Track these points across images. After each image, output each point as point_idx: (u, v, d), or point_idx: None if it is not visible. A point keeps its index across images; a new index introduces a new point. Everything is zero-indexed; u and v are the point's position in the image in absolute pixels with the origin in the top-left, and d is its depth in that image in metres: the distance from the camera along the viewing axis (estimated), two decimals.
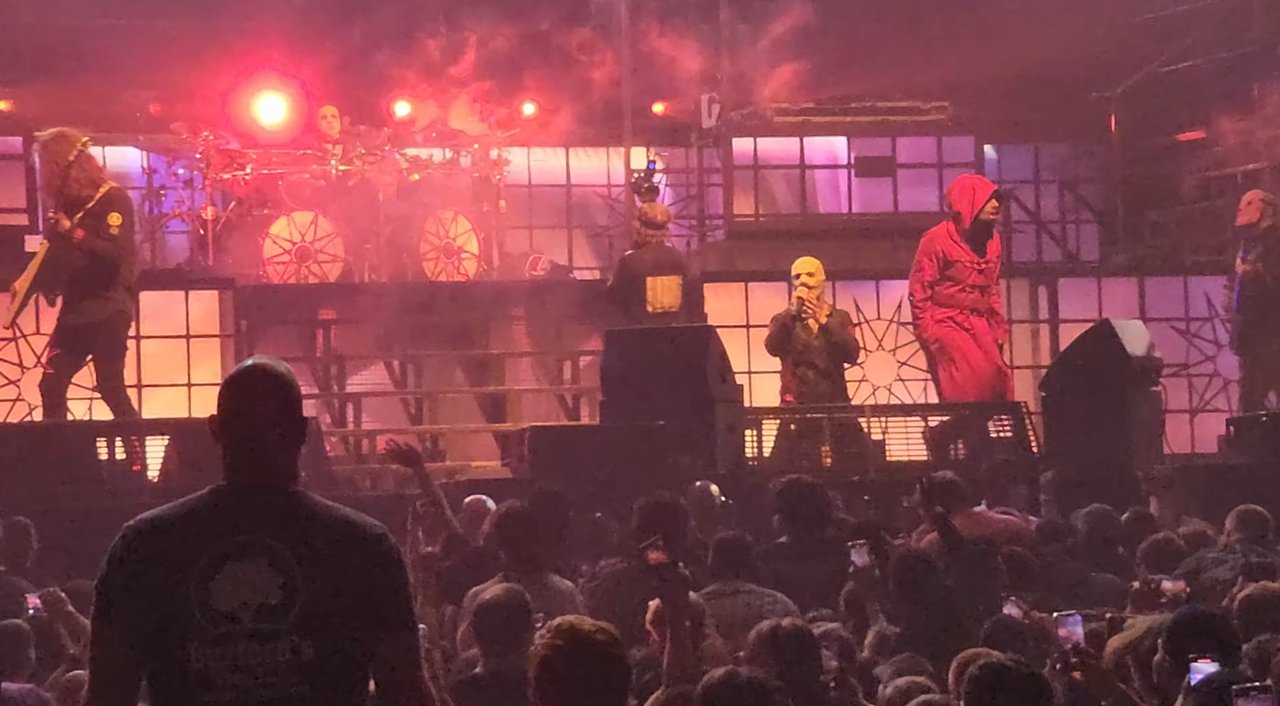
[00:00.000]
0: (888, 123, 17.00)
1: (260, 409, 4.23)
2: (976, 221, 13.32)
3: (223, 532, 4.14)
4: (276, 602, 4.09)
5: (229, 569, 4.11)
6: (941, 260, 13.36)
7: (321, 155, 16.51)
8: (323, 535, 4.17)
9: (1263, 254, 14.11)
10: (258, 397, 4.24)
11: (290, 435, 4.27)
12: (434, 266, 16.40)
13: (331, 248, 16.23)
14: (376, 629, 4.17)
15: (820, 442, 12.66)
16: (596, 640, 4.70)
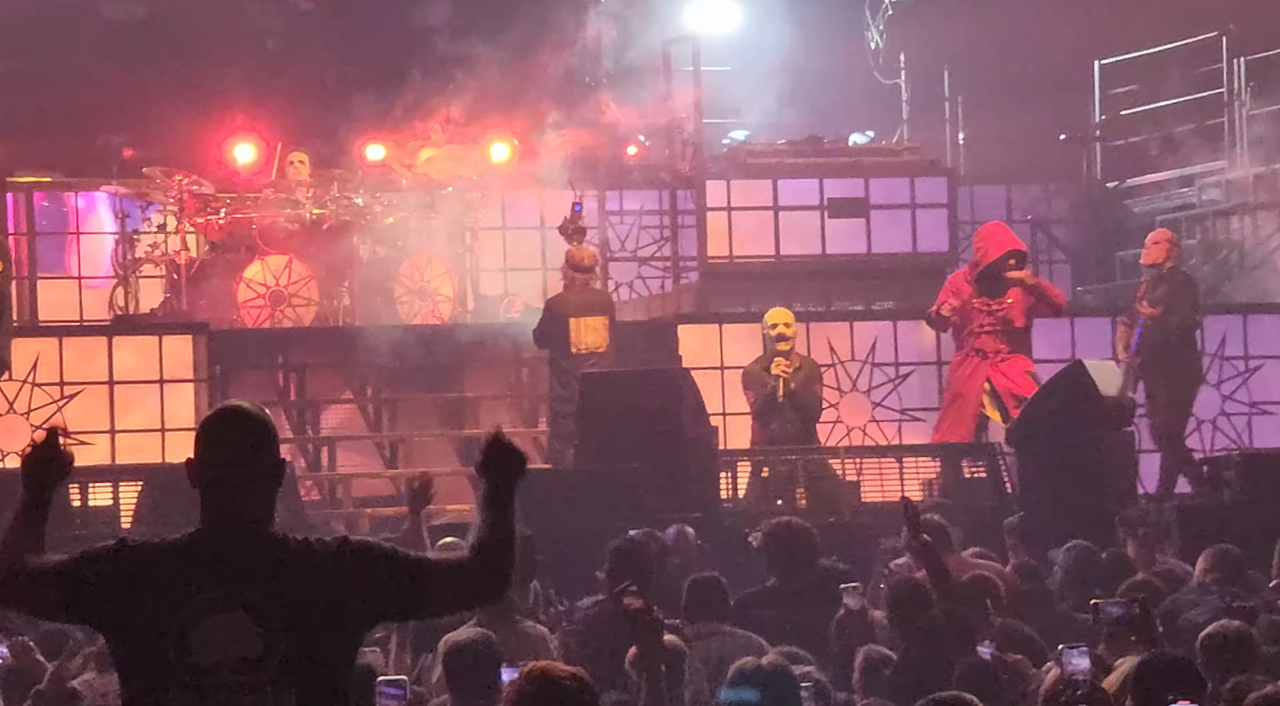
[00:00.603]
0: (860, 164, 17.06)
1: (237, 452, 4.24)
2: (986, 270, 13.49)
3: (201, 585, 4.14)
4: (257, 655, 4.09)
5: (208, 623, 4.10)
6: (956, 298, 13.64)
7: (295, 199, 16.52)
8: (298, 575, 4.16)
9: (1165, 295, 14.11)
10: (234, 441, 4.25)
11: (267, 477, 4.28)
12: (408, 309, 16.40)
13: (305, 291, 16.23)
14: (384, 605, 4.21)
15: (795, 485, 12.67)
16: (567, 686, 4.71)
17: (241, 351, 15.85)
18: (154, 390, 14.93)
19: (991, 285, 13.58)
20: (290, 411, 15.76)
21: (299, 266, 16.25)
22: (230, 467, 4.22)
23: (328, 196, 16.53)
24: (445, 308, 16.50)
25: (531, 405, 15.97)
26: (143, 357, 15.05)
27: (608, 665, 7.35)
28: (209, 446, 4.27)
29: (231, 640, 4.09)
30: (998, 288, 13.58)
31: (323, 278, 16.38)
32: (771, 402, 13.29)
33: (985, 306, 13.56)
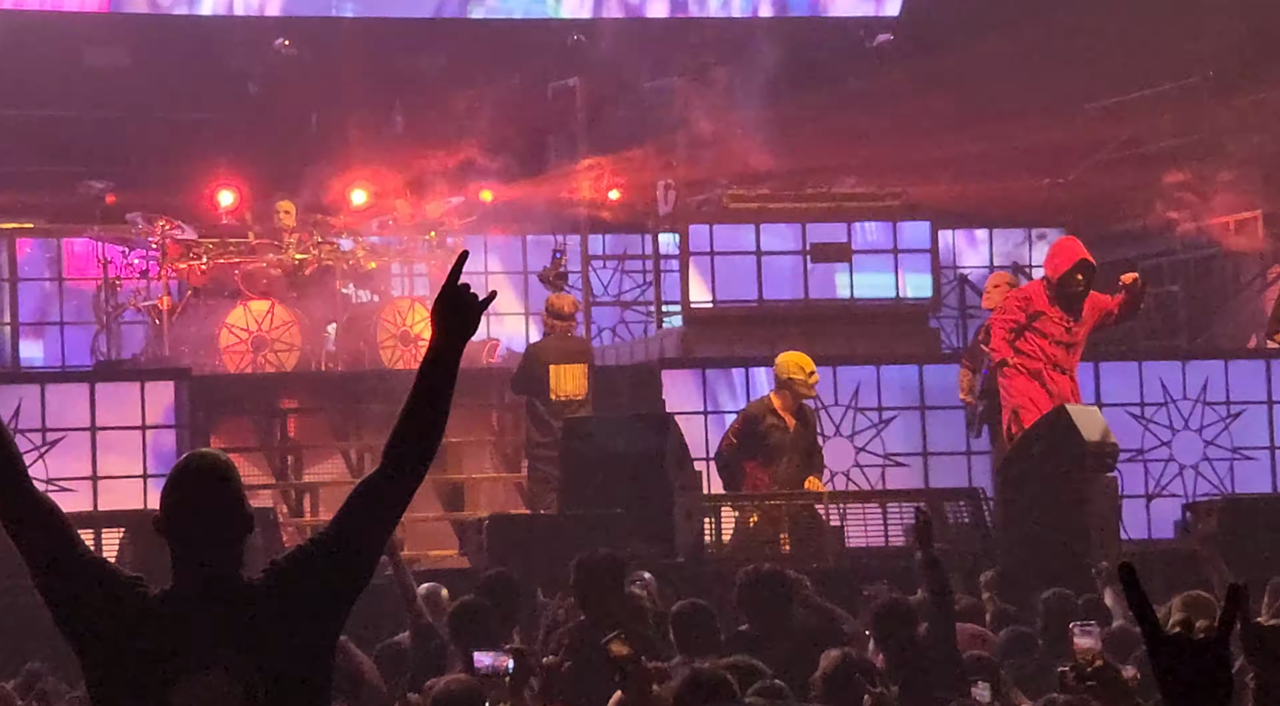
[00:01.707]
0: (843, 209, 17.08)
1: (204, 503, 4.21)
2: (1060, 283, 13.37)
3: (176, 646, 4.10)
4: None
5: (184, 683, 4.07)
6: (1030, 311, 13.43)
7: (277, 244, 16.52)
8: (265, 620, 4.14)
9: None
10: (199, 492, 4.22)
11: (235, 527, 4.24)
12: (391, 354, 16.38)
13: (288, 337, 16.21)
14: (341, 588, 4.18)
15: (779, 530, 12.65)
16: None
17: (223, 397, 15.81)
18: (136, 436, 14.88)
19: (1069, 301, 13.49)
20: (272, 457, 15.71)
21: (281, 311, 16.23)
22: (197, 519, 4.19)
23: (310, 241, 16.53)
24: None
25: (514, 451, 15.94)
26: (124, 404, 15.00)
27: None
28: (175, 499, 4.24)
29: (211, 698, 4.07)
30: (1073, 303, 13.51)
31: (305, 323, 16.37)
32: (780, 444, 13.24)
33: (1064, 320, 13.52)
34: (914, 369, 16.15)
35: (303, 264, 16.50)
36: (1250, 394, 16.04)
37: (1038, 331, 13.34)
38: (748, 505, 12.92)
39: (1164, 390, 16.12)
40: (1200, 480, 15.91)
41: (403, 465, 4.21)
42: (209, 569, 4.18)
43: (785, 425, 13.26)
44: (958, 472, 15.65)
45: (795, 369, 13.32)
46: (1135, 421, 15.84)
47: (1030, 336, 13.35)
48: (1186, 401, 16.09)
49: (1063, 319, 13.36)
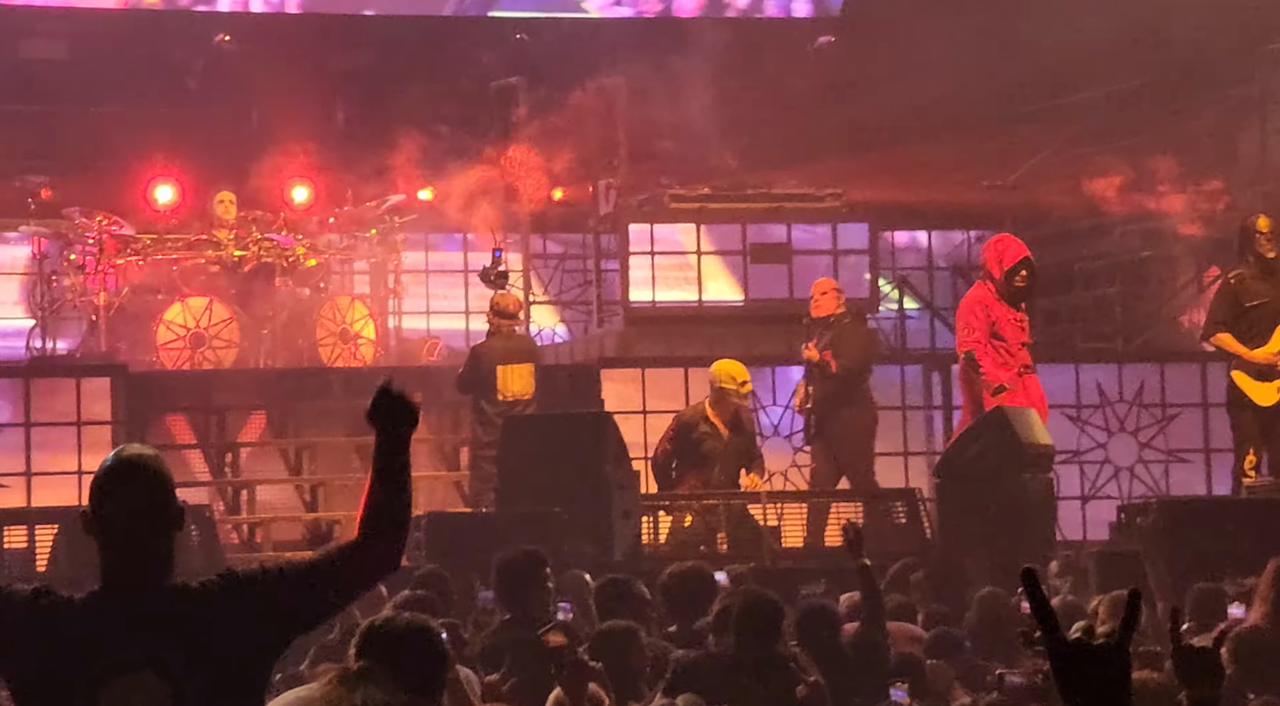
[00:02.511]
0: (783, 209, 17.12)
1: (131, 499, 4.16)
2: (1006, 278, 13.27)
3: (108, 645, 4.07)
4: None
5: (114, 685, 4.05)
6: (988, 320, 13.27)
7: (216, 240, 16.45)
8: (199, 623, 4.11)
9: (832, 342, 13.95)
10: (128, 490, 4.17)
11: (164, 525, 4.20)
12: (330, 352, 16.34)
13: (226, 333, 16.14)
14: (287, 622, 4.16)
15: (716, 530, 12.68)
16: None
17: (160, 393, 15.74)
18: (71, 432, 14.80)
19: (1015, 297, 13.41)
20: (209, 454, 15.65)
21: (220, 308, 16.17)
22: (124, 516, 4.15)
23: (250, 238, 16.46)
24: (367, 350, 16.45)
25: (453, 449, 15.92)
26: (60, 399, 14.91)
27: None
28: (103, 497, 4.19)
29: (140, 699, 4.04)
30: (1019, 300, 13.44)
31: (244, 320, 16.31)
32: (713, 451, 13.27)
33: (1018, 320, 13.46)
34: None
35: (242, 260, 16.43)
36: (1185, 396, 16.17)
37: (1001, 338, 13.33)
38: (684, 505, 12.94)
39: (1100, 392, 16.23)
40: (1135, 482, 16.03)
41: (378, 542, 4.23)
42: (138, 567, 4.15)
43: (718, 433, 13.28)
44: (895, 473, 15.72)
45: (727, 378, 13.33)
46: (1071, 423, 15.94)
47: (998, 345, 13.33)
48: (1122, 404, 16.20)
49: (1017, 318, 13.38)
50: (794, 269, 17.05)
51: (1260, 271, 13.17)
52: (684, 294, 16.97)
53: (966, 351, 13.28)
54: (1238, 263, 13.40)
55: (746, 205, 17.10)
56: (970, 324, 13.32)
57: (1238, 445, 13.33)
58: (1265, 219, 13.47)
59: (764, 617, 7.54)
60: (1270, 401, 13.09)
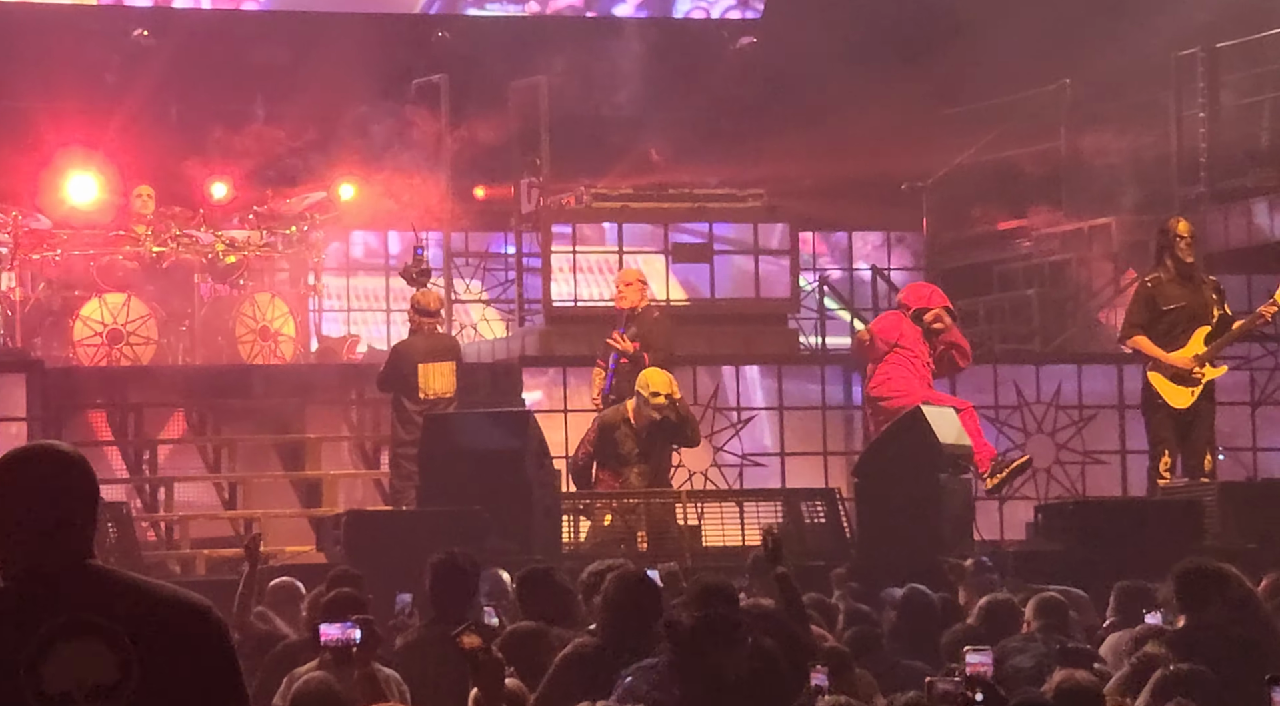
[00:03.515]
0: (704, 209, 17.16)
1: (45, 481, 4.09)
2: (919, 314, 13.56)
3: (43, 615, 4.02)
4: (113, 681, 3.98)
5: (58, 649, 3.99)
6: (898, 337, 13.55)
7: (134, 237, 16.34)
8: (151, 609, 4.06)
9: (637, 335, 13.90)
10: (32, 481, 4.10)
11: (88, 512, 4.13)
12: (250, 349, 16.25)
13: (144, 330, 16.04)
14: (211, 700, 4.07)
15: (637, 528, 12.69)
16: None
17: (77, 390, 15.61)
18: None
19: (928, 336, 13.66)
20: (127, 451, 15.53)
21: (138, 304, 16.06)
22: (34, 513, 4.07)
23: (168, 234, 16.36)
24: (287, 348, 16.38)
25: (373, 447, 15.87)
26: None
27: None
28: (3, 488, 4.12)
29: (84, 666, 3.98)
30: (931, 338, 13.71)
31: (162, 316, 16.20)
32: (631, 454, 13.28)
33: (926, 353, 13.69)
34: (773, 369, 16.28)
35: (160, 257, 16.33)
36: (1102, 398, 16.31)
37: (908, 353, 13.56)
38: (604, 504, 12.96)
39: (1018, 393, 16.35)
40: (1053, 483, 16.16)
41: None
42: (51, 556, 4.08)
43: (637, 435, 13.29)
44: (814, 472, 15.79)
45: (642, 385, 13.36)
46: (989, 424, 16.05)
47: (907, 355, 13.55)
48: (1040, 405, 16.33)
49: (926, 352, 13.64)
50: (715, 269, 17.10)
51: (1178, 275, 13.30)
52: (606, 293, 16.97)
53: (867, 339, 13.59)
54: (1155, 266, 13.53)
55: (668, 205, 17.14)
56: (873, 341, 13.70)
57: (1153, 447, 13.46)
58: (1184, 223, 13.61)
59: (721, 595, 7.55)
60: (1185, 404, 13.22)
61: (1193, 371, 13.20)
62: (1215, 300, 13.39)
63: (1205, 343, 13.23)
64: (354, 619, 7.26)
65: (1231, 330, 13.36)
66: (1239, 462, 16.31)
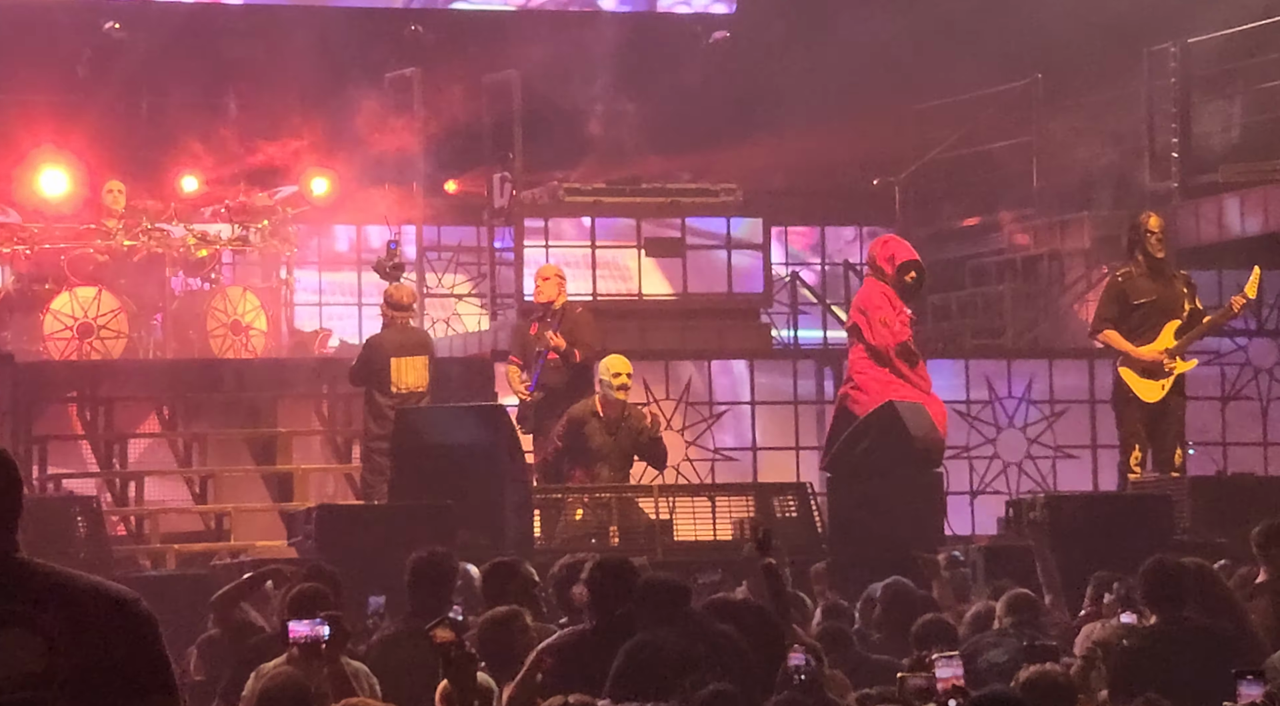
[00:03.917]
0: (677, 204, 17.17)
1: None
2: (899, 273, 13.32)
3: None
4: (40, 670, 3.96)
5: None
6: (893, 308, 13.31)
7: (105, 230, 16.29)
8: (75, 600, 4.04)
9: (564, 332, 13.71)
10: None
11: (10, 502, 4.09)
12: (221, 343, 16.22)
13: (115, 324, 15.99)
14: (136, 696, 4.05)
15: (608, 523, 12.69)
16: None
17: (47, 384, 15.56)
18: None
19: (905, 294, 13.45)
20: (97, 445, 15.49)
21: (108, 298, 16.01)
22: None
23: (140, 227, 16.31)
24: (259, 342, 16.34)
25: (344, 442, 15.84)
26: None
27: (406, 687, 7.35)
28: None
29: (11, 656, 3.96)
30: (909, 298, 13.54)
31: (133, 310, 16.16)
32: (601, 448, 13.26)
33: (911, 317, 13.54)
34: (744, 364, 16.29)
35: (131, 250, 16.28)
36: (1073, 393, 16.35)
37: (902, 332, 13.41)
38: (576, 498, 12.95)
39: (989, 388, 16.39)
40: (1024, 477, 16.20)
41: None
42: None
43: (611, 429, 13.28)
44: (786, 467, 15.81)
45: (604, 371, 13.35)
46: (961, 419, 16.09)
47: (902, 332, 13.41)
48: (1011, 400, 16.37)
49: (909, 316, 13.49)
50: (687, 263, 17.11)
51: (1149, 270, 13.34)
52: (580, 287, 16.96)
53: (900, 343, 13.31)
54: (1126, 261, 13.56)
55: (641, 199, 17.13)
56: (888, 317, 13.38)
57: (1123, 441, 13.50)
58: (1155, 218, 13.64)
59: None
60: (1155, 398, 13.26)
61: (1163, 366, 13.23)
62: (1186, 295, 13.42)
63: (1176, 337, 13.26)
64: (322, 615, 7.25)
65: (1202, 324, 13.40)
66: (1209, 457, 16.37)
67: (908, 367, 13.30)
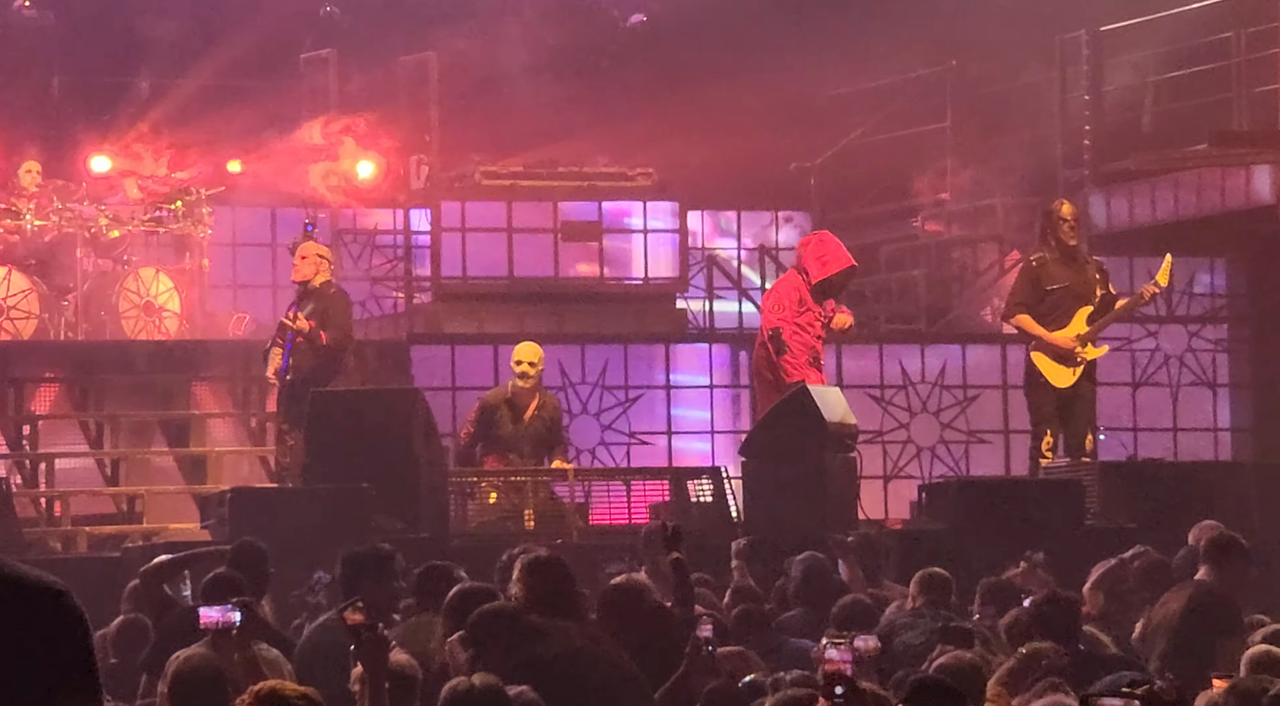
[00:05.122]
0: (594, 188, 17.16)
1: None
2: (822, 284, 13.41)
3: None
4: None
5: None
6: (799, 302, 13.35)
7: (16, 209, 16.13)
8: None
9: (315, 312, 13.53)
10: None
11: None
12: (134, 325, 16.09)
13: (25, 304, 15.84)
14: (58, 695, 4.01)
15: (524, 506, 12.70)
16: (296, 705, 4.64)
17: None
18: None
19: (823, 297, 13.55)
20: (7, 427, 15.35)
21: (19, 278, 15.86)
22: None
23: (50, 207, 16.16)
24: (172, 323, 16.22)
25: (259, 423, 15.77)
26: None
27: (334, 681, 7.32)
28: None
29: None
30: (826, 296, 13.59)
31: (43, 290, 16.01)
32: (512, 435, 13.26)
33: (821, 317, 13.57)
34: (660, 348, 16.32)
35: (42, 230, 16.12)
36: (986, 378, 16.47)
37: (799, 326, 13.45)
38: (492, 481, 12.95)
39: (903, 373, 16.48)
40: (937, 462, 16.30)
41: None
42: None
43: (518, 416, 13.27)
44: (701, 451, 15.85)
45: (512, 358, 13.35)
46: (875, 403, 16.18)
47: (798, 332, 13.44)
48: (925, 384, 16.48)
49: (820, 315, 13.55)
50: (604, 247, 17.12)
51: (1062, 256, 13.45)
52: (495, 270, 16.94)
53: (774, 328, 13.39)
54: (1040, 247, 13.67)
55: (558, 183, 17.12)
56: (781, 303, 13.45)
57: (1035, 426, 13.61)
58: (1068, 205, 13.77)
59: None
60: (1067, 383, 13.38)
61: (1075, 351, 13.35)
62: (1098, 280, 13.55)
63: (1088, 323, 13.39)
64: (234, 601, 7.22)
65: (1114, 310, 13.53)
66: (1120, 442, 16.53)
67: (775, 354, 13.33)
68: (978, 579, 9.77)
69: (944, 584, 9.20)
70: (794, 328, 13.39)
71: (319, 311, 13.52)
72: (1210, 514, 11.25)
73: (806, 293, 13.44)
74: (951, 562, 9.87)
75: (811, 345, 13.47)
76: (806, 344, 13.44)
